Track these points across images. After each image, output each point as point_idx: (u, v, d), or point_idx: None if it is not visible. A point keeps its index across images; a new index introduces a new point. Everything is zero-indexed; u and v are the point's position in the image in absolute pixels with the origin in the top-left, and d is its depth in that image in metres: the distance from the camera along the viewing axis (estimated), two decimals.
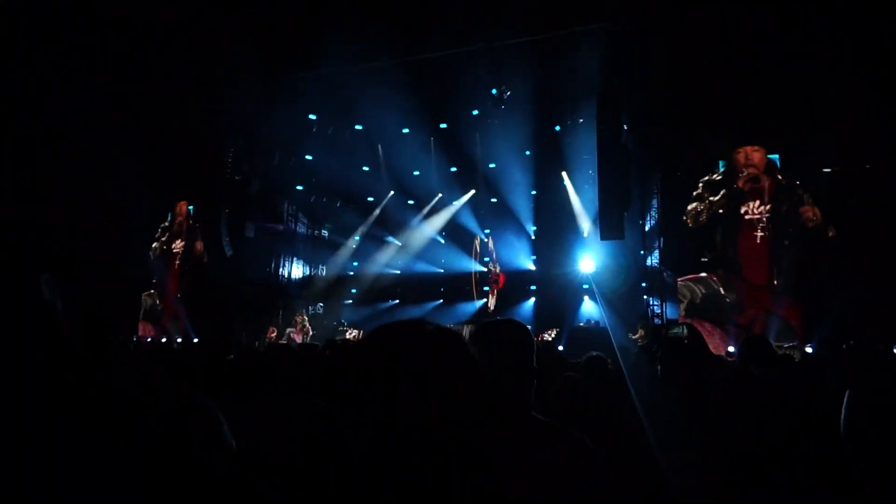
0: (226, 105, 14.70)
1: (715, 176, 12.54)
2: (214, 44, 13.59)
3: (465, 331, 15.60)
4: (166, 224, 18.63)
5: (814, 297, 11.02)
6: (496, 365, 1.77)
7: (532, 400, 1.84)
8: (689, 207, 12.57)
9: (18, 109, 13.76)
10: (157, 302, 18.05)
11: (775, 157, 12.10)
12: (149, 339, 16.79)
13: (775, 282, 11.53)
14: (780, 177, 11.99)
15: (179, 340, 16.09)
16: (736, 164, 12.36)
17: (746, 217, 12.06)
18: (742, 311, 11.64)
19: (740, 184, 12.18)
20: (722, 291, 11.94)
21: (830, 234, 11.14)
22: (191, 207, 18.25)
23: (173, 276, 18.12)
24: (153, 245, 18.52)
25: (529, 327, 2.05)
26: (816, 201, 11.46)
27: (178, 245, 18.32)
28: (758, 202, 12.02)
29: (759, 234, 11.86)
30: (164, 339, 16.60)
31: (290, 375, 2.99)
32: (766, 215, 11.90)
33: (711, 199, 12.39)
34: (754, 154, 12.17)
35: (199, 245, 17.67)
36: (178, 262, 18.21)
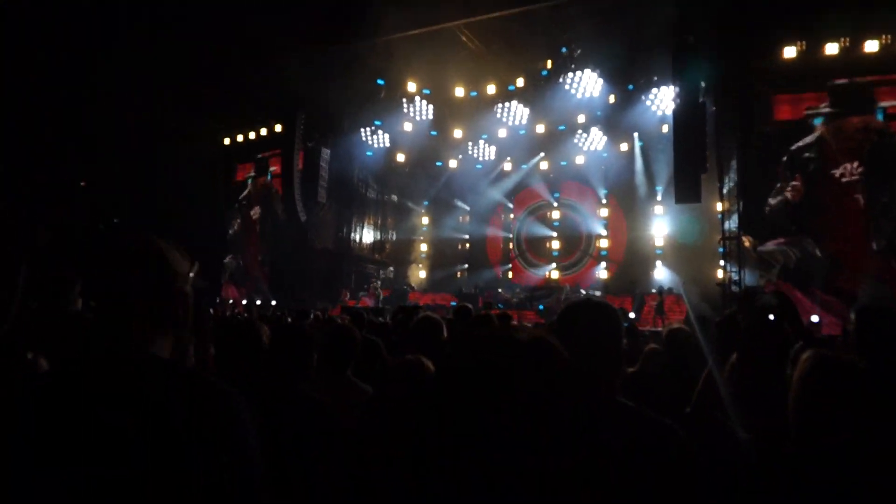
0: (295, 74, 14.94)
1: (806, 141, 11.77)
2: (277, 13, 13.79)
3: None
4: (246, 192, 19.35)
5: None
6: (582, 349, 1.77)
7: (618, 384, 1.83)
8: (773, 202, 11.92)
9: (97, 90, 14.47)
10: (241, 264, 18.91)
11: (880, 114, 11.25)
12: (230, 301, 17.63)
13: (874, 244, 10.89)
14: (877, 135, 11.17)
15: (259, 303, 16.82)
16: (837, 125, 11.55)
17: (843, 179, 11.33)
18: (841, 275, 11.02)
19: (838, 145, 11.41)
20: (818, 254, 11.33)
21: None
22: (269, 176, 18.85)
23: (254, 240, 18.90)
24: (235, 214, 19.34)
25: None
26: None
27: (256, 212, 19.05)
28: (856, 163, 11.26)
29: (857, 195, 11.17)
30: (244, 301, 17.39)
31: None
32: (860, 175, 11.17)
33: (794, 184, 11.68)
34: (857, 118, 11.35)
35: (277, 211, 18.29)
36: (257, 227, 18.96)
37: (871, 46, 11.18)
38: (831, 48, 11.47)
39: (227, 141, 19.26)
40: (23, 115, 13.31)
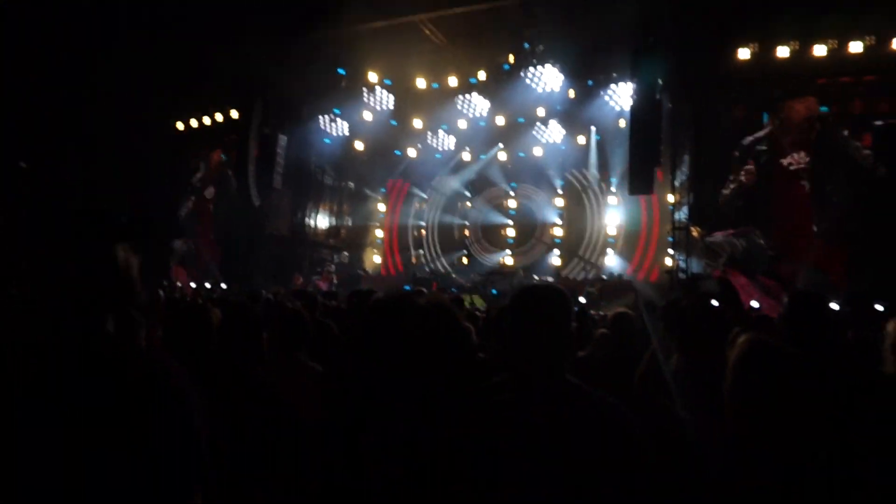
0: (254, 60, 14.67)
1: (757, 135, 12.21)
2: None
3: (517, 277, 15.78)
4: (199, 174, 18.90)
5: (857, 245, 10.72)
6: (530, 329, 1.85)
7: (566, 363, 1.90)
8: (726, 192, 12.32)
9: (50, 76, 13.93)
10: (191, 248, 18.49)
11: (825, 108, 11.72)
12: (179, 284, 17.22)
13: (815, 228, 11.37)
14: (820, 124, 11.64)
15: (208, 286, 16.49)
16: (783, 117, 12.00)
17: (791, 168, 11.80)
18: (782, 263, 11.49)
19: (787, 137, 11.86)
20: (763, 243, 11.80)
21: (881, 171, 10.68)
22: (224, 156, 18.45)
23: (207, 222, 18.50)
24: (187, 196, 18.88)
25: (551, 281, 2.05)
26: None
27: (210, 192, 18.64)
28: (802, 153, 11.72)
29: (803, 182, 11.64)
30: (193, 284, 17.02)
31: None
32: (807, 164, 11.65)
33: (748, 167, 12.10)
34: (800, 106, 11.79)
35: (231, 193, 17.94)
36: (211, 207, 18.56)
37: (820, 51, 11.63)
38: (782, 51, 11.89)
39: (180, 126, 18.75)
40: None
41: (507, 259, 19.33)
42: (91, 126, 15.40)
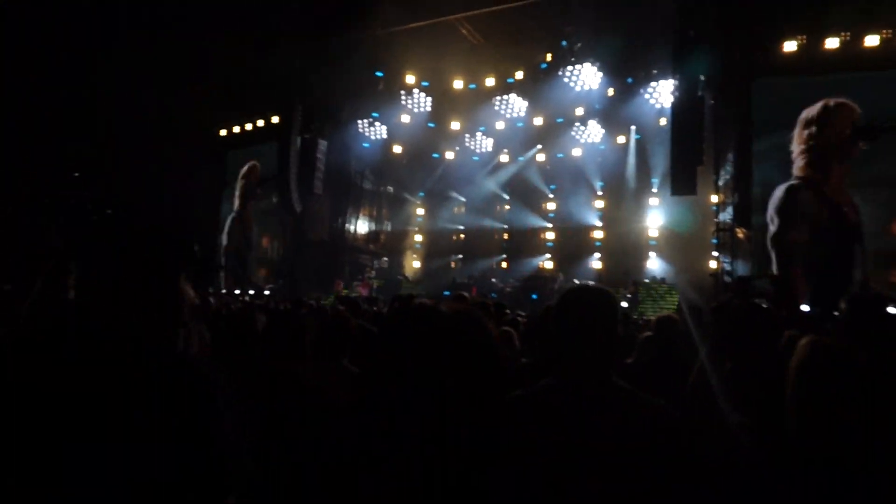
0: (293, 65, 14.90)
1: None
2: (276, 2, 13.73)
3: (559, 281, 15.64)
4: (240, 185, 19.27)
5: None
6: (580, 332, 1.82)
7: (613, 365, 1.87)
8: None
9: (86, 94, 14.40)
10: (236, 256, 18.84)
11: None
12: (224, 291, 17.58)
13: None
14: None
15: (252, 292, 16.79)
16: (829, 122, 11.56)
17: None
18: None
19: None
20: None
21: None
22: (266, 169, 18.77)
23: (247, 233, 18.83)
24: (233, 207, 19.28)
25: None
26: None
27: (251, 205, 18.98)
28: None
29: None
30: (237, 291, 17.36)
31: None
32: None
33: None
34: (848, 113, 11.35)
35: (272, 202, 18.22)
36: (251, 219, 18.90)
37: (872, 41, 11.17)
38: (832, 42, 11.45)
39: (223, 132, 19.16)
40: (14, 106, 13.22)
41: (547, 263, 19.17)
42: (134, 134, 15.84)
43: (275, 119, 17.61)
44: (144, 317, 1.21)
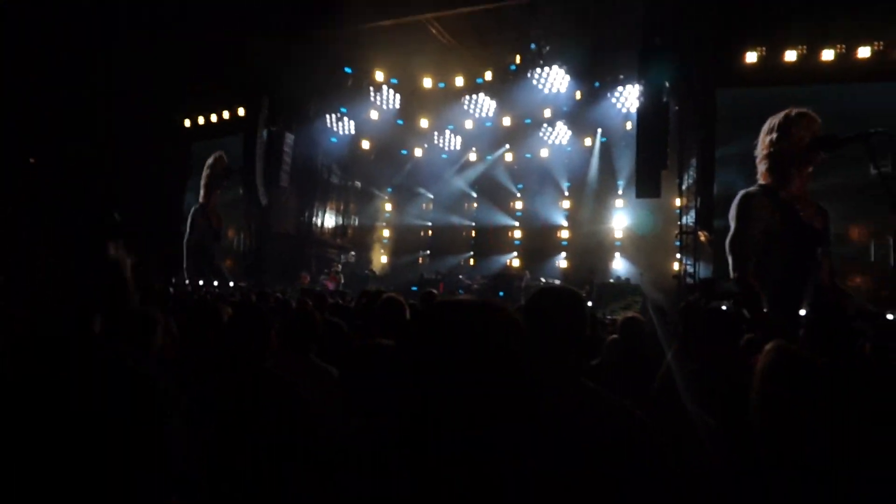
0: (261, 58, 14.68)
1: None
2: None
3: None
4: (205, 175, 18.92)
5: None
6: (545, 332, 1.82)
7: (580, 366, 1.89)
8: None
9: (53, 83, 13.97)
10: (199, 248, 18.49)
11: None
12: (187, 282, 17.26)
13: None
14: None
15: (216, 283, 16.53)
16: (790, 131, 11.88)
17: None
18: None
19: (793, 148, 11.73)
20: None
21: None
22: (231, 160, 18.47)
23: (215, 222, 18.54)
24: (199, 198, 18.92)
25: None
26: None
27: (215, 197, 18.67)
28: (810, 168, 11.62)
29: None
30: (200, 283, 17.06)
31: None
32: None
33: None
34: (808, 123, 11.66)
35: (237, 195, 17.95)
36: (216, 211, 18.60)
37: (828, 55, 11.57)
38: (790, 55, 11.83)
39: (187, 123, 18.79)
40: None
41: (514, 261, 19.31)
42: (96, 123, 15.43)
43: (241, 111, 17.35)
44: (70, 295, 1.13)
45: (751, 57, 12.09)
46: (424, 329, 0.93)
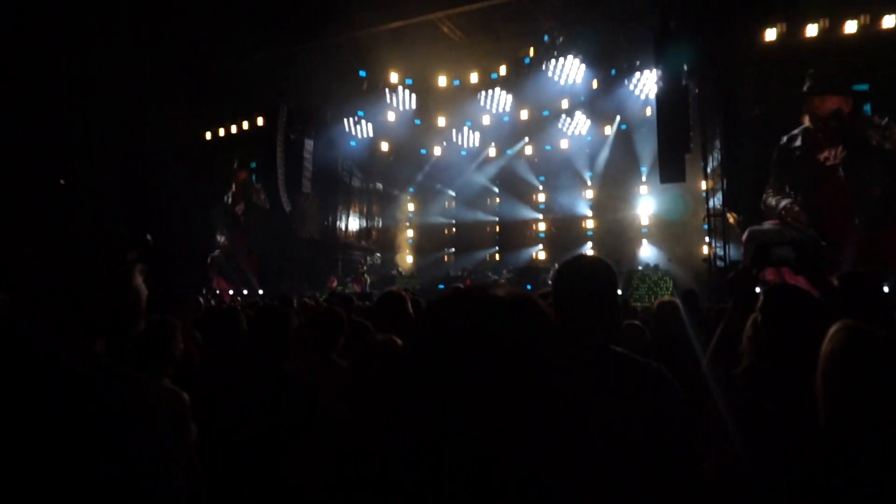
0: (276, 67, 14.83)
1: (792, 133, 11.88)
2: (256, 6, 13.67)
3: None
4: (231, 191, 19.25)
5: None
6: (578, 299, 1.78)
7: (615, 333, 1.85)
8: (770, 201, 12.01)
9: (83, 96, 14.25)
10: (229, 257, 18.85)
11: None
12: (217, 292, 17.57)
13: (856, 221, 11.08)
14: (854, 120, 11.29)
15: (245, 292, 16.78)
16: (813, 111, 11.67)
17: (828, 163, 11.47)
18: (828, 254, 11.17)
19: (820, 134, 11.53)
20: (813, 233, 11.46)
21: None
22: (253, 170, 18.71)
23: (238, 234, 18.85)
24: (220, 209, 19.25)
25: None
26: None
27: (240, 207, 18.99)
28: (840, 147, 11.38)
29: (839, 175, 11.32)
30: (231, 292, 17.35)
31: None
32: (843, 157, 11.32)
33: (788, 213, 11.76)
34: (830, 100, 11.45)
35: (261, 203, 18.23)
36: (241, 220, 18.90)
37: (850, 27, 11.25)
38: (811, 30, 11.52)
39: (208, 135, 19.09)
40: None
41: (540, 254, 19.22)
42: (119, 136, 15.73)
43: (260, 121, 17.56)
44: (82, 318, 1.08)
45: (770, 34, 11.81)
46: (425, 335, 0.85)
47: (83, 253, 1.12)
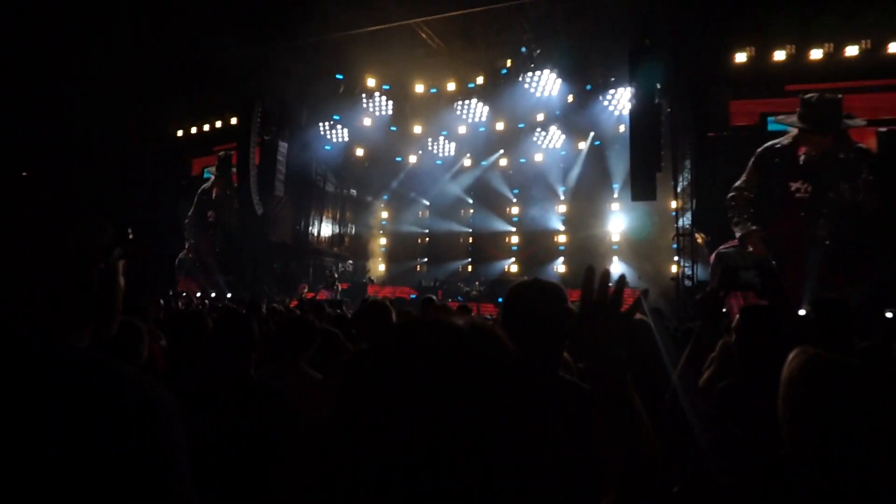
0: (252, 66, 14.66)
1: (779, 142, 12.11)
2: (235, 4, 13.55)
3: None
4: (209, 188, 18.90)
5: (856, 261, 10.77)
6: (526, 326, 1.76)
7: (559, 360, 1.84)
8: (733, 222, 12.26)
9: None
10: (196, 258, 18.47)
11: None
12: (183, 294, 17.21)
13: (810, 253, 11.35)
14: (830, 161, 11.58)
15: (213, 295, 16.47)
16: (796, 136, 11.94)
17: (796, 195, 11.72)
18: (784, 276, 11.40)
19: (799, 153, 11.77)
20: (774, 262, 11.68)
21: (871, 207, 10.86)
22: (225, 170, 18.42)
23: (208, 235, 18.50)
24: (190, 210, 18.86)
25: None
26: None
27: (211, 209, 18.65)
28: (808, 185, 11.65)
29: (801, 213, 11.60)
30: (198, 294, 17.01)
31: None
32: (809, 194, 11.60)
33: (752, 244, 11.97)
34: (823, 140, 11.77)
35: (232, 205, 17.93)
36: (211, 222, 18.55)
37: (816, 54, 11.61)
38: (779, 55, 11.87)
39: (179, 133, 18.77)
40: None
41: (512, 267, 19.28)
42: (89, 132, 15.39)
43: (233, 120, 17.32)
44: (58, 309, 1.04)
45: (740, 57, 12.11)
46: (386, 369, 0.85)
47: (74, 248, 1.08)
